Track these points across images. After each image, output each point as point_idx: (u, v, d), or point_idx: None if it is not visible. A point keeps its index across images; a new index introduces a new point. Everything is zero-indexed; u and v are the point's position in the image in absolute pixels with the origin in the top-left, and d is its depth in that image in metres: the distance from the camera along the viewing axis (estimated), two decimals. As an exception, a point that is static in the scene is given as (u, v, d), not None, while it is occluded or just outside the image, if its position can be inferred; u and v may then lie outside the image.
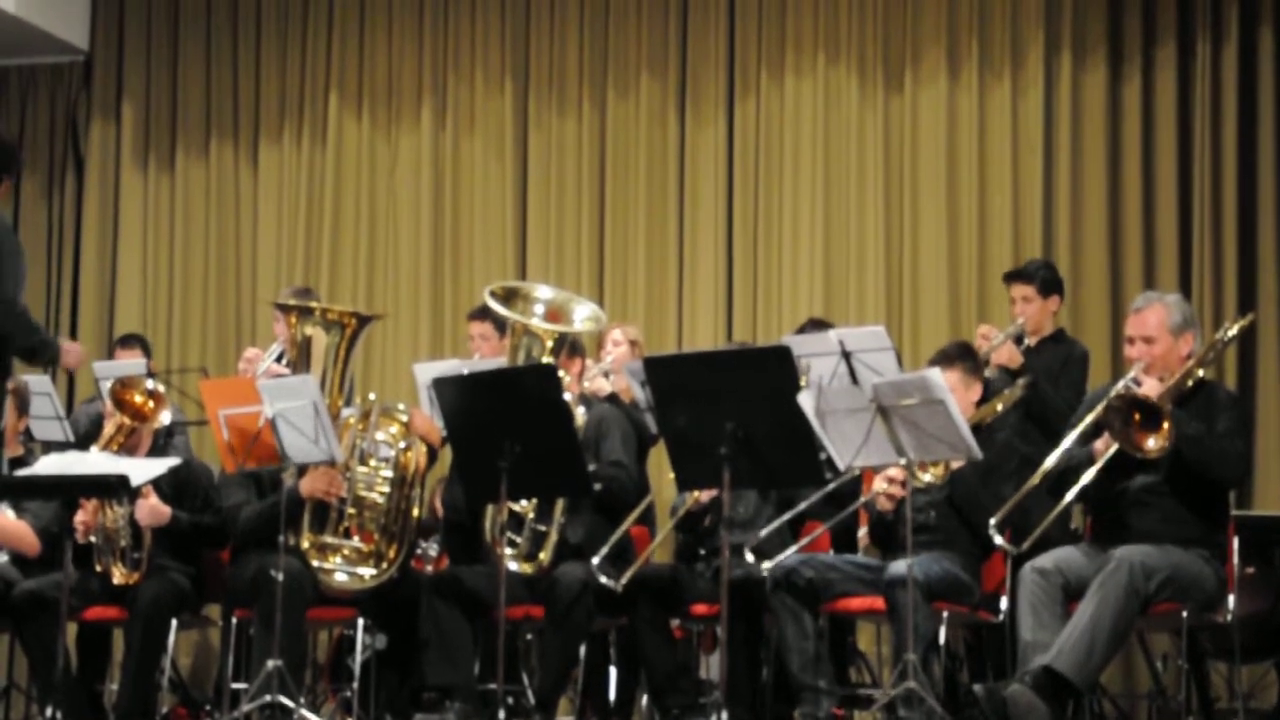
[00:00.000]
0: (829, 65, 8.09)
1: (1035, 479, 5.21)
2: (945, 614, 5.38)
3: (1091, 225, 7.76)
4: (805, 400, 5.02)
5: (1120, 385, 5.17)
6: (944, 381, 5.03)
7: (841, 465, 5.17)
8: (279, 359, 6.57)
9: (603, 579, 5.54)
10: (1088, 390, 6.38)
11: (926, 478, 5.39)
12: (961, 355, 5.73)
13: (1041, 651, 4.95)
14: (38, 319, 5.18)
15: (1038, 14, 7.86)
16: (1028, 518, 5.31)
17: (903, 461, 5.07)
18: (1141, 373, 5.19)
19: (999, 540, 5.20)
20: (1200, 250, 7.58)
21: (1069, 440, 5.24)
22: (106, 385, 6.08)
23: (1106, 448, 5.12)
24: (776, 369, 5.08)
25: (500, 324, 6.34)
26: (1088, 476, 5.11)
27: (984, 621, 5.70)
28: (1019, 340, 6.40)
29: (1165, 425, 4.94)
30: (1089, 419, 5.21)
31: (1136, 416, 4.99)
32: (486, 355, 6.42)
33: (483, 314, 6.54)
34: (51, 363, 5.55)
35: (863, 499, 5.64)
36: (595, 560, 5.57)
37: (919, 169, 7.97)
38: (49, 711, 5.69)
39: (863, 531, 6.09)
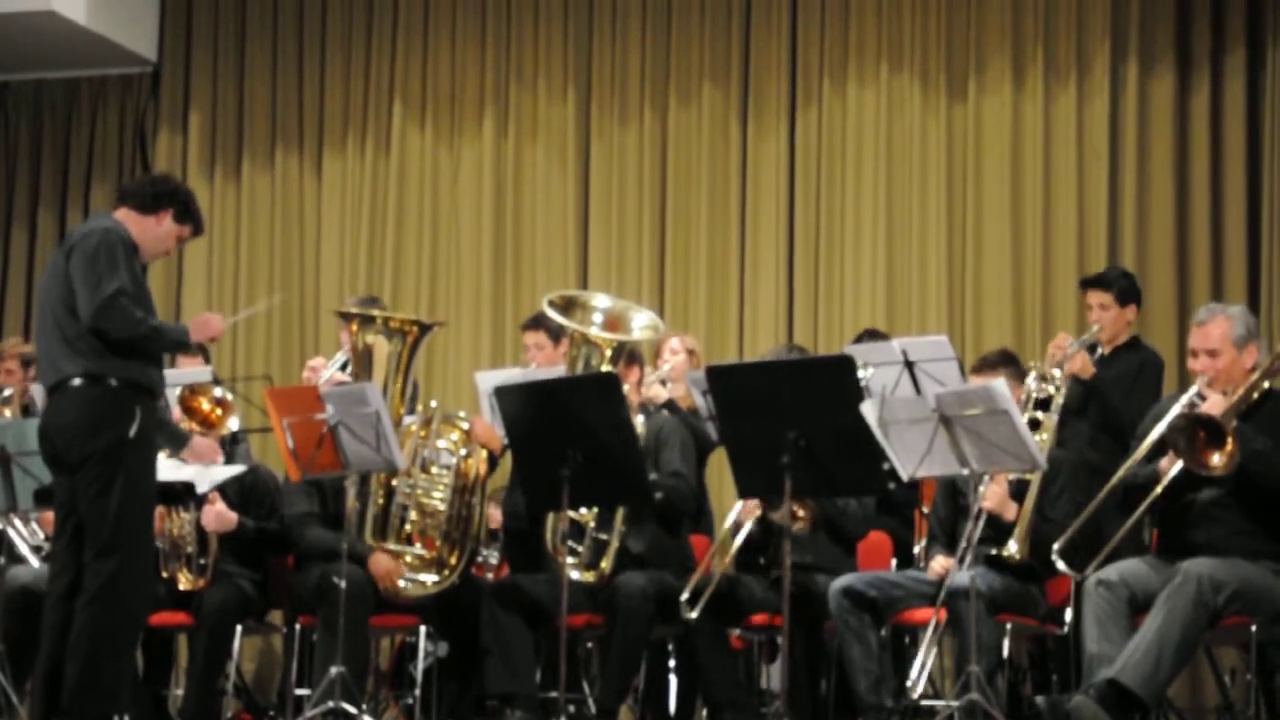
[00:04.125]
0: (892, 74, 8.06)
1: (1101, 496, 5.17)
2: (1009, 626, 5.34)
3: (1158, 235, 7.68)
4: (868, 410, 5.00)
5: (1185, 400, 5.12)
6: (1008, 392, 5.00)
7: (904, 475, 5.14)
8: (343, 367, 6.60)
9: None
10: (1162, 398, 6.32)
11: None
12: (1005, 361, 5.74)
13: (1106, 664, 4.90)
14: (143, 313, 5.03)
15: (1104, 21, 7.79)
16: (1099, 532, 5.26)
17: (965, 472, 5.04)
18: (1205, 386, 5.13)
19: (1062, 566, 5.16)
20: (1269, 261, 7.48)
21: (1133, 460, 5.19)
22: (174, 393, 6.12)
23: (1171, 465, 5.07)
24: (839, 379, 5.07)
25: (554, 332, 6.35)
26: (1154, 494, 5.07)
27: (1048, 633, 5.65)
28: (1092, 349, 6.33)
29: (1229, 442, 4.89)
30: (1152, 436, 5.17)
31: (1201, 434, 4.94)
32: (542, 364, 6.43)
33: (535, 323, 6.56)
34: (178, 347, 5.48)
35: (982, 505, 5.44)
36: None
37: (983, 178, 7.91)
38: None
39: (920, 545, 6.05)
